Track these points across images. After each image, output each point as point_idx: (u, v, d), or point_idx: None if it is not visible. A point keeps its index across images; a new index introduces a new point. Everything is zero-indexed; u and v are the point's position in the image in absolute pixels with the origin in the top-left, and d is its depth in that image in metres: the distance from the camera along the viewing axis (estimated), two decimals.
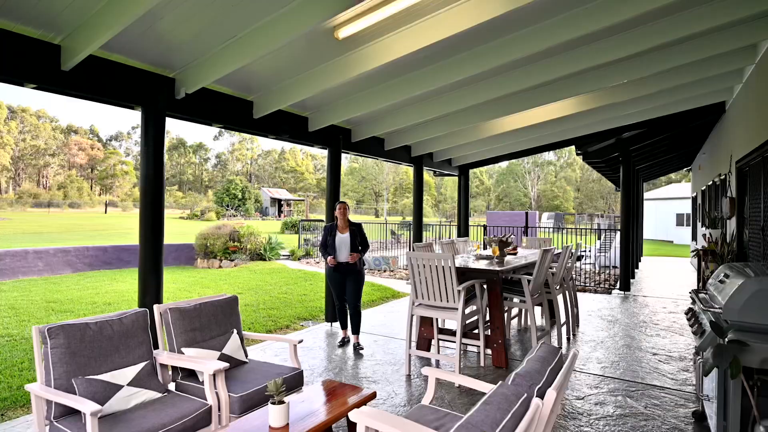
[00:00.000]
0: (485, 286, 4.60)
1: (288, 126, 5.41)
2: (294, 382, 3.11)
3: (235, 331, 3.40)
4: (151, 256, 3.93)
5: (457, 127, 6.48)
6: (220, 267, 12.48)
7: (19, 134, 60.35)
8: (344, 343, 5.21)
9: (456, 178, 10.18)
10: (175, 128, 79.27)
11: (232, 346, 3.29)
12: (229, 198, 45.25)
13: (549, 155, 65.17)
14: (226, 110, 4.72)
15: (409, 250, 11.07)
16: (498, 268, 4.42)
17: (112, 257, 12.21)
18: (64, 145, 63.57)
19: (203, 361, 2.79)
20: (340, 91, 5.08)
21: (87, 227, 24.76)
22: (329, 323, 6.15)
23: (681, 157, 12.93)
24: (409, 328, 4.31)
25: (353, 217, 5.05)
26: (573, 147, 9.43)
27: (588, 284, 9.49)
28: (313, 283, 9.55)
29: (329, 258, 4.98)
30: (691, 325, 2.97)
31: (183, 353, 3.02)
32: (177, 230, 24.30)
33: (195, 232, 13.78)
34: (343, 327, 5.33)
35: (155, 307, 3.14)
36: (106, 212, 44.47)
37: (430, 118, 6.21)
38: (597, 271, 11.49)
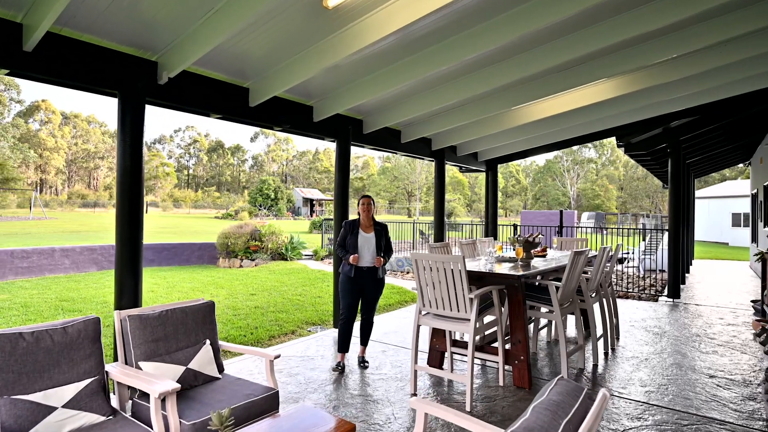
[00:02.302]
0: (507, 293, 4.00)
1: (288, 116, 4.98)
2: (266, 404, 2.65)
3: (208, 341, 2.99)
4: (129, 256, 3.58)
5: (481, 116, 5.86)
6: (241, 266, 12.31)
7: (72, 138, 64.13)
8: (338, 368, 4.25)
9: (485, 175, 9.51)
10: (215, 131, 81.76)
11: (202, 360, 2.87)
12: (262, 198, 45.89)
13: (590, 152, 62.38)
14: (218, 98, 4.33)
15: None
16: (520, 273, 3.81)
17: None
18: (112, 148, 66.84)
19: (151, 379, 2.37)
20: (346, 76, 4.59)
21: None
22: (337, 329, 5.68)
23: (738, 149, 11.64)
24: (415, 341, 3.77)
25: (385, 218, 4.35)
26: (614, 140, 8.56)
27: (631, 290, 8.59)
28: (330, 285, 9.12)
29: (353, 255, 4.17)
30: (767, 352, 2.28)
31: (141, 368, 2.63)
32: (209, 229, 24.65)
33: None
34: (343, 349, 4.32)
35: (115, 313, 2.77)
36: (147, 212, 46.15)
37: (449, 104, 5.63)
38: (641, 275, 10.48)
